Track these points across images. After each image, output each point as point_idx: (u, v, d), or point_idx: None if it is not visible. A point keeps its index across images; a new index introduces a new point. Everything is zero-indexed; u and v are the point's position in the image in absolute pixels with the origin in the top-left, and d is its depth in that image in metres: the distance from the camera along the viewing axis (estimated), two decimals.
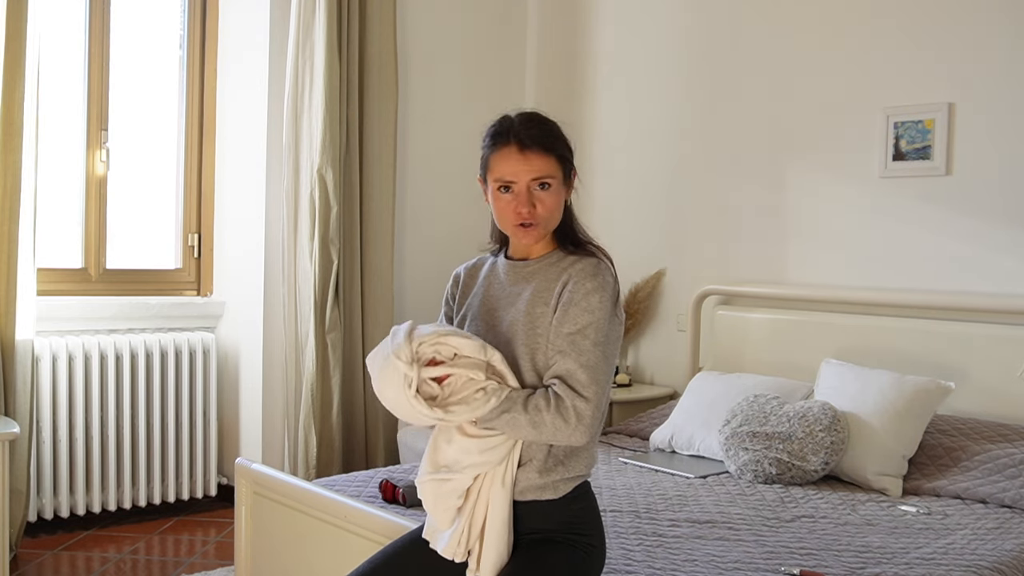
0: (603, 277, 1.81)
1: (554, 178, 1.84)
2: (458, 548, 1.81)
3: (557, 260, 1.88)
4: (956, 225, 3.59)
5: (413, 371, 1.72)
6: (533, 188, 1.82)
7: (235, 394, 4.38)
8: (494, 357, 1.78)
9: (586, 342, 1.76)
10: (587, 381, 1.75)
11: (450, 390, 1.75)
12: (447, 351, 1.76)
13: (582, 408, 1.74)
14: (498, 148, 1.85)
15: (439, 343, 1.76)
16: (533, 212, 1.82)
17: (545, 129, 1.86)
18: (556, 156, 1.84)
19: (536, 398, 1.75)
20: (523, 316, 1.84)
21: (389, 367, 1.74)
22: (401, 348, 1.74)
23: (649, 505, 2.85)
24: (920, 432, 3.20)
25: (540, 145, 1.82)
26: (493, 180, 1.85)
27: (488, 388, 1.75)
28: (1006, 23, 3.46)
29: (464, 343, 1.77)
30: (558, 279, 1.84)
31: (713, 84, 4.33)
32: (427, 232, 4.66)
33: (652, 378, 4.57)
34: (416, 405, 1.73)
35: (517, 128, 1.84)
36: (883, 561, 2.38)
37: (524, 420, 1.74)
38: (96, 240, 4.11)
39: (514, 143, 1.83)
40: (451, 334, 1.77)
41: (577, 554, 1.83)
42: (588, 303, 1.78)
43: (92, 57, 4.06)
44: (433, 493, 1.82)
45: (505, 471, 1.80)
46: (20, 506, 3.54)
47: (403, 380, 1.72)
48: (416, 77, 4.60)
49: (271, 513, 2.77)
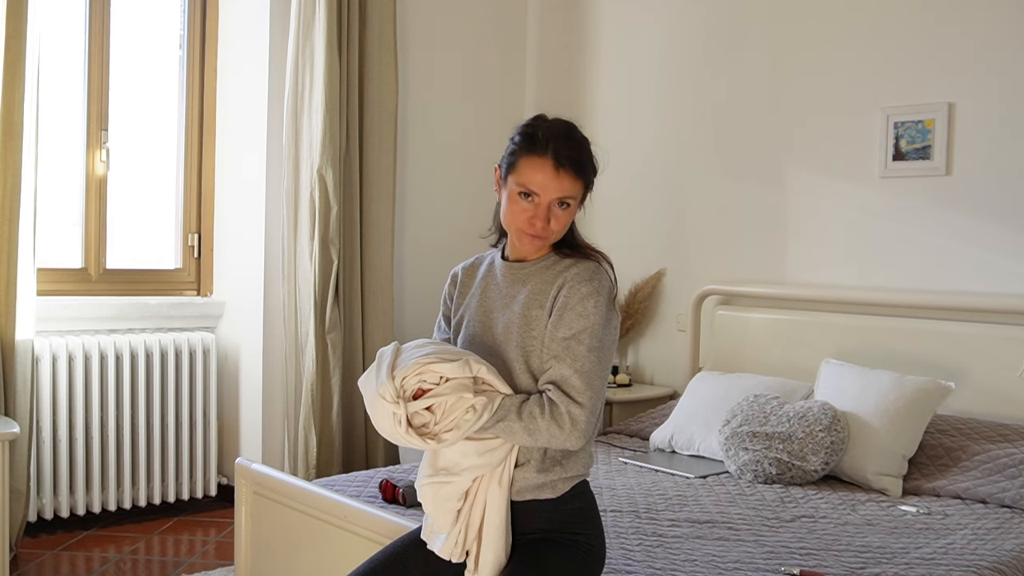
0: (598, 281, 1.82)
1: (575, 199, 1.85)
2: (455, 549, 1.81)
3: (553, 263, 1.89)
4: (956, 225, 3.59)
5: (401, 409, 1.71)
6: (554, 206, 1.82)
7: (235, 394, 4.38)
8: (480, 370, 1.76)
9: (581, 347, 1.77)
10: (582, 387, 1.75)
11: (441, 411, 1.74)
12: (432, 376, 1.75)
13: (577, 414, 1.74)
14: (532, 154, 1.82)
15: (423, 372, 1.74)
16: (547, 228, 1.83)
17: (582, 151, 1.85)
18: (584, 181, 1.85)
19: (530, 404, 1.76)
20: (518, 318, 1.84)
21: (377, 407, 1.74)
22: (385, 387, 1.72)
23: (649, 505, 2.85)
24: (920, 432, 3.20)
25: (575, 168, 1.82)
26: (516, 183, 1.83)
27: (477, 405, 1.73)
28: (1006, 23, 3.46)
29: (446, 367, 1.74)
30: (554, 282, 1.84)
31: (713, 84, 4.33)
32: (427, 232, 4.66)
33: (652, 378, 4.57)
34: (409, 440, 1.73)
35: (557, 143, 1.81)
36: (883, 561, 2.38)
37: (519, 427, 1.75)
38: (96, 240, 4.11)
39: (551, 157, 1.80)
40: (433, 359, 1.75)
41: (575, 554, 1.83)
42: (583, 308, 1.78)
43: (92, 57, 4.06)
44: (433, 496, 1.83)
45: (502, 472, 1.80)
46: (20, 506, 3.54)
47: (392, 418, 1.72)
48: (416, 77, 4.60)
49: (271, 513, 2.77)
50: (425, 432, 1.74)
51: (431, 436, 1.73)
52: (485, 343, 1.87)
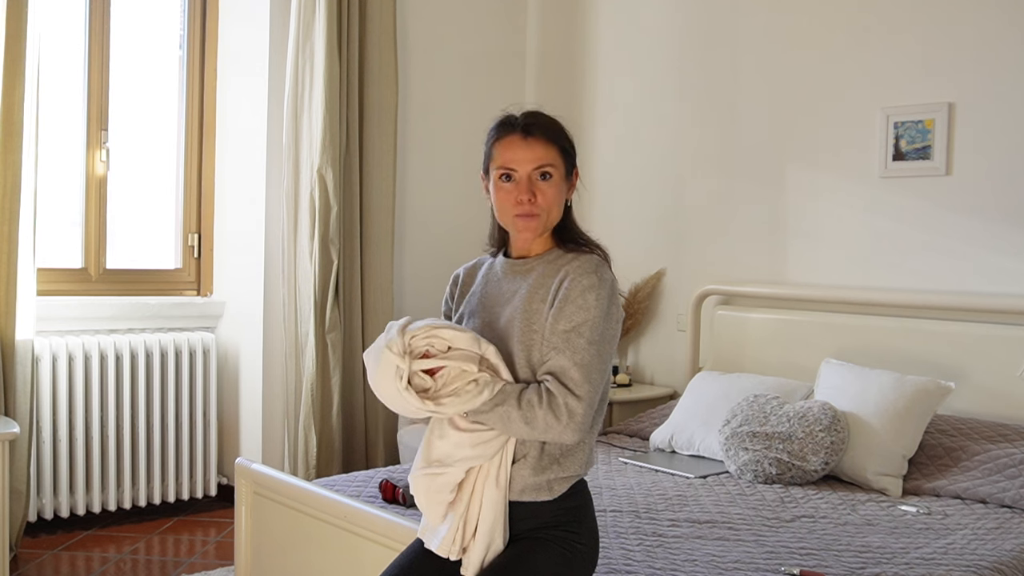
0: (600, 274, 1.81)
1: (556, 168, 1.85)
2: (453, 546, 1.80)
3: (556, 258, 1.88)
4: (956, 225, 3.59)
5: (405, 363, 1.72)
6: (535, 178, 1.84)
7: (235, 394, 4.38)
8: (488, 351, 1.78)
9: (581, 340, 1.76)
10: (580, 379, 1.74)
11: (442, 382, 1.75)
12: (440, 344, 1.76)
13: (574, 406, 1.73)
14: (502, 137, 1.87)
15: (432, 336, 1.76)
16: (534, 201, 1.83)
17: (549, 120, 1.89)
18: (558, 147, 1.86)
19: (529, 393, 1.75)
20: (520, 312, 1.84)
21: (382, 360, 1.74)
22: (393, 340, 1.74)
23: (649, 505, 2.85)
24: (920, 432, 3.20)
25: (544, 133, 1.85)
26: (495, 168, 1.86)
27: (480, 380, 1.75)
28: (1006, 23, 3.46)
29: (458, 336, 1.77)
30: (555, 275, 1.84)
31: (713, 84, 4.33)
32: (427, 232, 4.66)
33: (652, 378, 4.57)
34: (407, 397, 1.73)
35: (521, 118, 1.87)
36: (883, 561, 2.38)
37: (517, 415, 1.74)
38: (96, 240, 4.11)
39: (518, 131, 1.85)
40: (444, 327, 1.78)
41: (560, 552, 1.80)
42: (584, 300, 1.78)
43: (92, 57, 4.06)
44: (425, 488, 1.82)
45: (499, 470, 1.79)
46: (20, 506, 3.54)
47: (395, 372, 1.73)
48: (416, 77, 4.60)
49: (271, 513, 2.77)
50: (425, 396, 1.74)
51: (430, 399, 1.74)
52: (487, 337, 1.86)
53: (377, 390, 1.79)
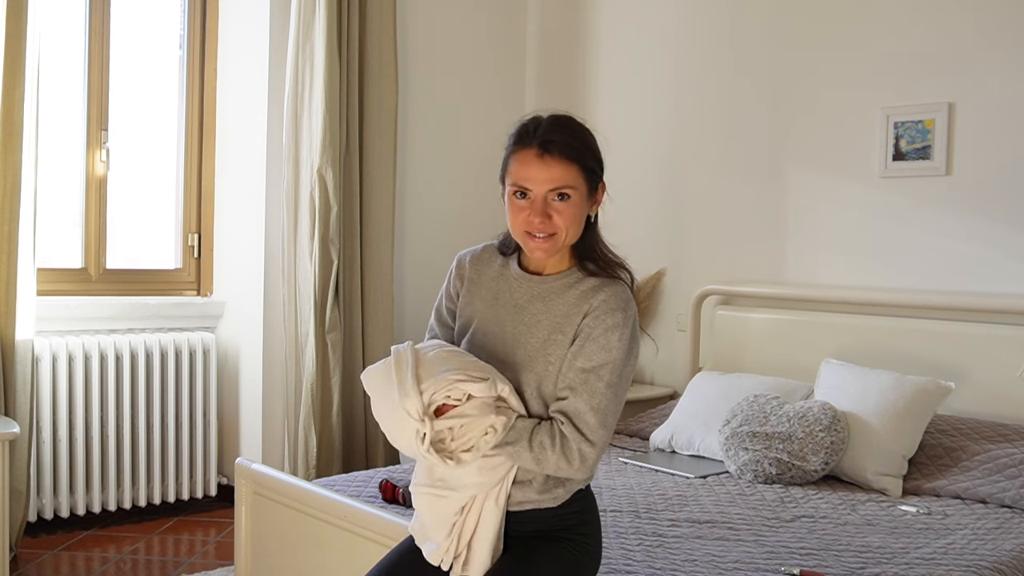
0: (627, 311, 1.72)
1: (574, 189, 1.73)
2: (446, 555, 1.78)
3: (576, 282, 1.78)
4: (956, 225, 3.59)
5: (427, 427, 1.64)
6: (551, 199, 1.72)
7: (235, 394, 4.38)
8: (504, 390, 1.71)
9: (600, 383, 1.70)
10: (596, 425, 1.69)
11: (459, 433, 1.68)
12: (457, 393, 1.67)
13: (587, 452, 1.69)
14: (519, 149, 1.74)
15: (451, 389, 1.66)
16: (546, 223, 1.71)
17: (572, 135, 1.74)
18: (580, 166, 1.73)
19: (541, 434, 1.70)
20: (539, 344, 1.76)
21: (399, 418, 1.67)
22: (411, 401, 1.64)
23: (649, 505, 2.85)
24: (920, 432, 3.20)
25: (563, 152, 1.71)
26: (510, 183, 1.75)
27: (496, 425, 1.68)
28: (1006, 23, 3.46)
29: (475, 387, 1.67)
30: (579, 308, 1.74)
31: (713, 84, 4.33)
32: (427, 232, 4.66)
33: (652, 378, 4.57)
34: (428, 458, 1.67)
35: (542, 131, 1.72)
36: (883, 561, 2.38)
37: (528, 456, 1.70)
38: (96, 240, 4.11)
39: (535, 146, 1.71)
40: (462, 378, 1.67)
41: (568, 551, 1.79)
42: (607, 340, 1.70)
43: (92, 57, 4.06)
44: (429, 506, 1.79)
45: (500, 491, 1.76)
46: (20, 506, 3.54)
47: (415, 436, 1.65)
48: (416, 77, 4.60)
49: (271, 513, 2.77)
50: (442, 449, 1.67)
51: (448, 455, 1.67)
52: (495, 356, 1.79)
53: (391, 437, 1.72)
